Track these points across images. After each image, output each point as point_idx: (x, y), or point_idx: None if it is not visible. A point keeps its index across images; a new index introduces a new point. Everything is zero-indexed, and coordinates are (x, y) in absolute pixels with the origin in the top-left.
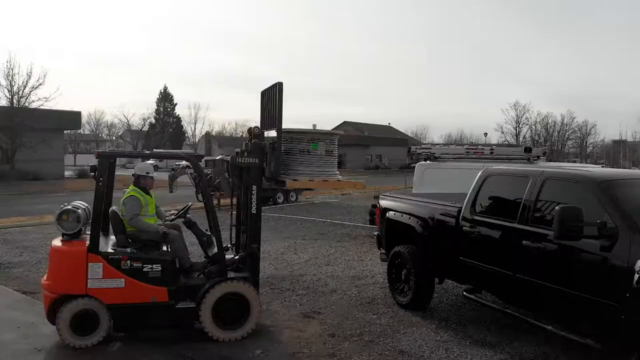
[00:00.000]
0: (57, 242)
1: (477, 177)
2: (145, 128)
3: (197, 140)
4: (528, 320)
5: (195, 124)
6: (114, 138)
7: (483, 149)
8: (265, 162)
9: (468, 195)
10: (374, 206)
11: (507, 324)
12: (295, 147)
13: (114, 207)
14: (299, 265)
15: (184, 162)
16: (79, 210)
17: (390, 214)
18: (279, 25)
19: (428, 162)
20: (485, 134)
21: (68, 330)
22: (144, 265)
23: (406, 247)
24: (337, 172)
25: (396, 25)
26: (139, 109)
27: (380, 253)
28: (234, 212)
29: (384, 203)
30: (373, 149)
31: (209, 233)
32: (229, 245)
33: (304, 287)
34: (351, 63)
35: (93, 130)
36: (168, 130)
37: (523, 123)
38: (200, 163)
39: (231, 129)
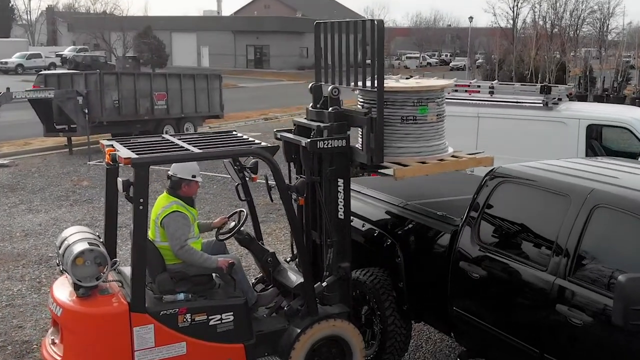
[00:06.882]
0: (67, 298)
1: (482, 184)
2: None
3: (33, 19)
4: None
5: None
6: None
7: (479, 86)
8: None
9: (467, 213)
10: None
11: None
12: (395, 114)
13: None
14: None
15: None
16: (100, 247)
17: None
18: None
19: None
20: (471, 18)
21: None
22: (210, 317)
23: (369, 272)
24: (447, 142)
25: None
26: None
27: None
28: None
29: None
30: (309, 38)
31: (270, 250)
32: (288, 259)
33: None
34: None
35: None
36: None
37: (523, 1)
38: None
39: (87, 3)
